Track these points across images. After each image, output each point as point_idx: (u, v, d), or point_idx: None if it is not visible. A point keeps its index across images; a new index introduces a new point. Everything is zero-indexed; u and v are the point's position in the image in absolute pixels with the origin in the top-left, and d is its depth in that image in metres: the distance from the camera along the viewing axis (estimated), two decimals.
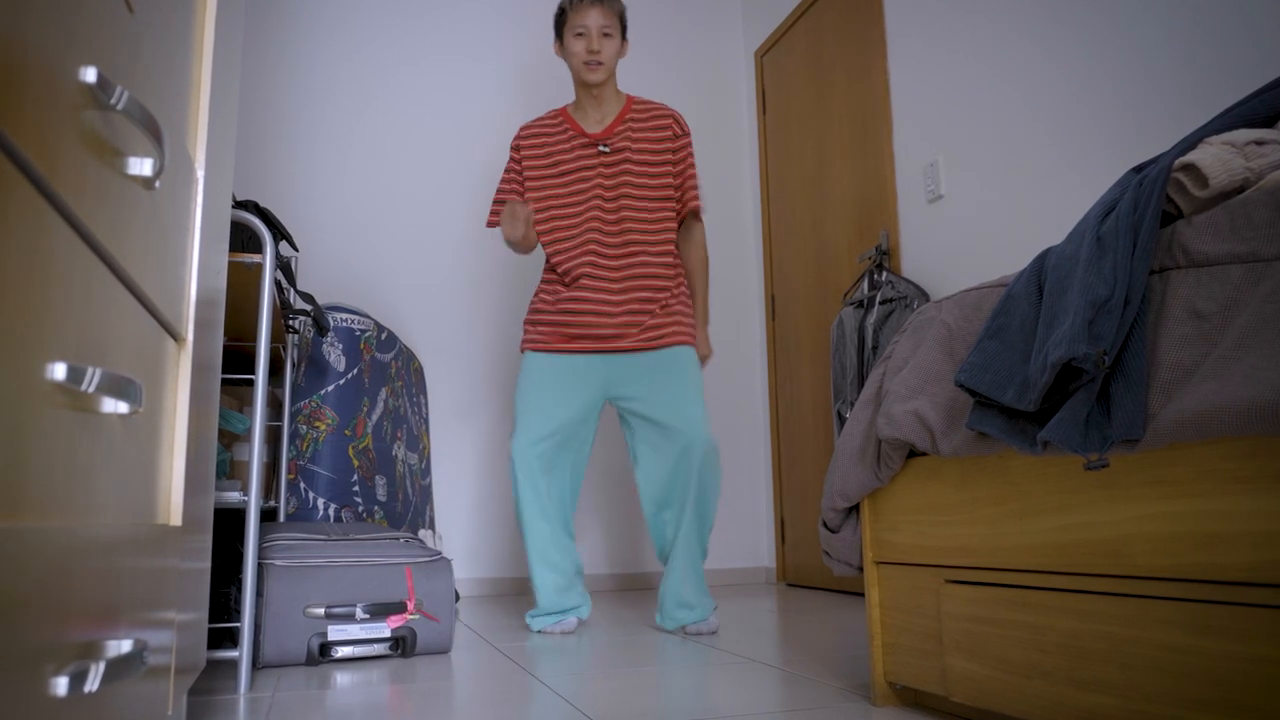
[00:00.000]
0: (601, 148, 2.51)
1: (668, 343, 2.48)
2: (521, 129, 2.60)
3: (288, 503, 2.61)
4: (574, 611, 2.49)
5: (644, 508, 2.52)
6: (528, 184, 2.54)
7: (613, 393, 2.50)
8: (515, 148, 2.59)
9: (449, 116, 3.89)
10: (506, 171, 2.59)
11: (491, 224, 2.56)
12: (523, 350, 2.54)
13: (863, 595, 3.31)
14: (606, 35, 2.48)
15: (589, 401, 2.49)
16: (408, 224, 3.77)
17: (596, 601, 3.32)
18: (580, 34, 2.48)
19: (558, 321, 2.49)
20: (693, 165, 2.56)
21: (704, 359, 2.58)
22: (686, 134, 2.57)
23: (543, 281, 2.58)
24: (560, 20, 2.52)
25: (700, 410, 2.43)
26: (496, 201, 2.58)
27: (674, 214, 2.52)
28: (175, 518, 1.08)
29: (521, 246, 2.50)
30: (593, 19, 2.46)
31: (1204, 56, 2.07)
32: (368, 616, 2.01)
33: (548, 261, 2.56)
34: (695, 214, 2.59)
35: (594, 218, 2.48)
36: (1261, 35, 1.93)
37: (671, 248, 2.51)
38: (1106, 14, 2.34)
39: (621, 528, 3.83)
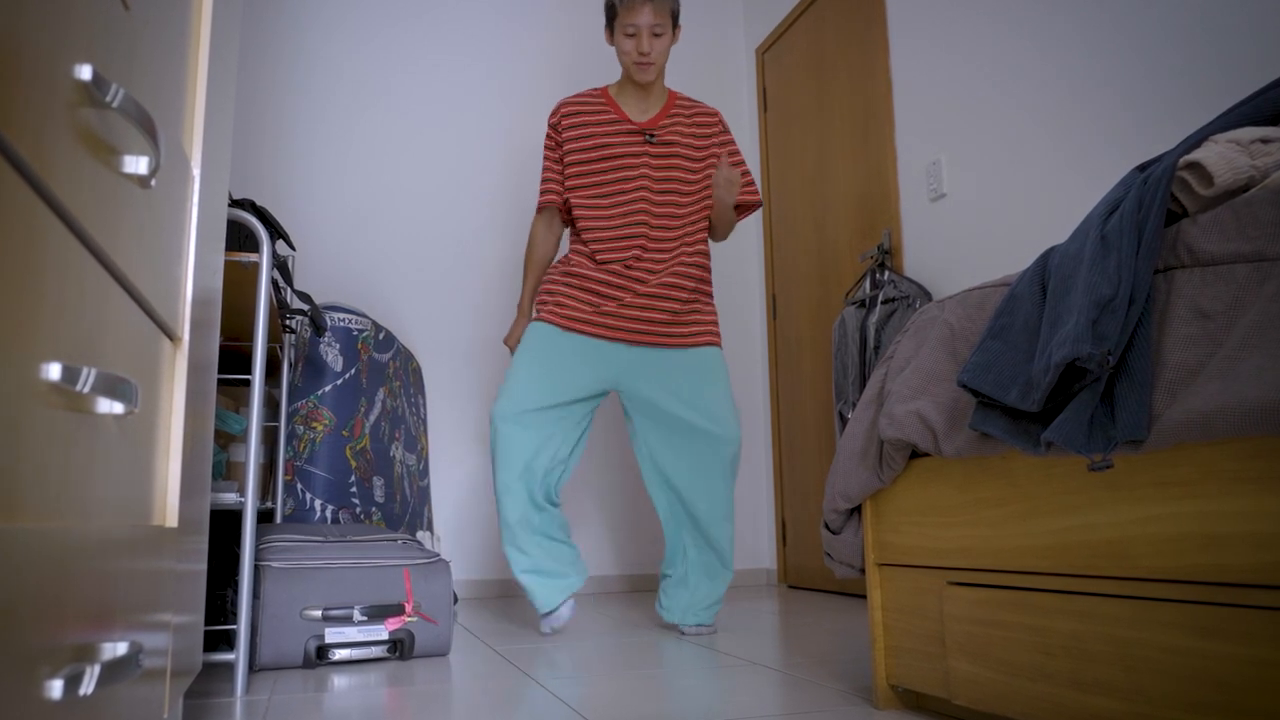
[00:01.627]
0: (648, 137, 2.49)
1: (698, 342, 2.46)
2: (561, 104, 2.55)
3: (284, 504, 2.60)
4: (571, 588, 2.43)
5: (659, 508, 2.47)
6: (567, 163, 2.50)
7: (626, 385, 2.45)
8: (554, 125, 2.54)
9: (448, 115, 3.88)
10: (547, 148, 2.56)
11: (543, 204, 2.53)
12: (535, 318, 2.47)
13: (864, 597, 3.30)
14: (657, 35, 2.44)
15: (592, 389, 2.43)
16: (406, 223, 3.76)
17: (598, 603, 3.31)
18: (631, 34, 2.44)
19: (584, 293, 2.44)
20: (743, 160, 2.58)
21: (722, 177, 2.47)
22: (728, 130, 2.59)
23: (570, 257, 2.51)
24: (611, 13, 2.49)
25: (734, 414, 2.45)
26: (544, 182, 2.54)
27: (710, 207, 2.52)
28: (171, 519, 1.08)
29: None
30: (644, 18, 2.42)
31: (1207, 55, 2.06)
32: (365, 619, 2.00)
33: (576, 236, 2.53)
34: (752, 206, 2.59)
35: (642, 209, 2.45)
36: (1265, 34, 1.93)
37: (707, 246, 2.53)
38: (1109, 12, 2.33)
39: (625, 528, 3.82)
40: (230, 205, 1.92)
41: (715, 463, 2.41)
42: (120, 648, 0.73)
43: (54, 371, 0.57)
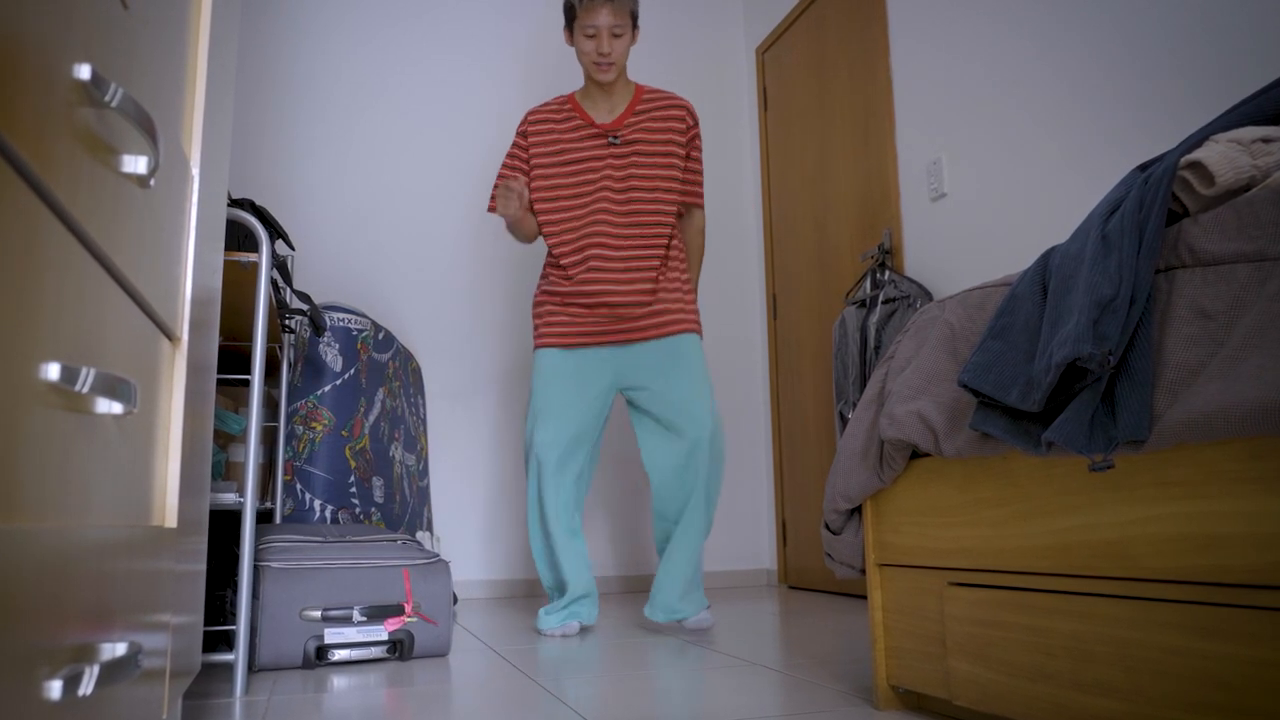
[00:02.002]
0: (611, 139, 2.50)
1: (675, 330, 2.47)
2: (529, 114, 2.58)
3: (284, 504, 2.60)
4: (577, 615, 2.47)
5: (653, 497, 2.52)
6: (534, 172, 2.53)
7: (624, 383, 2.51)
8: (522, 133, 2.57)
9: (447, 114, 3.88)
10: (509, 156, 2.57)
11: (492, 209, 2.53)
12: (536, 347, 2.53)
13: (865, 598, 3.30)
14: (616, 35, 2.46)
15: (603, 395, 2.50)
16: (405, 223, 3.76)
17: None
18: (590, 34, 2.45)
19: (567, 306, 2.47)
20: (699, 159, 2.59)
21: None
22: (697, 124, 2.58)
23: (547, 273, 2.55)
24: (570, 15, 2.50)
25: (707, 405, 2.45)
26: (497, 187, 2.55)
27: (674, 200, 2.53)
28: (170, 519, 1.07)
29: (521, 230, 2.50)
30: (603, 19, 2.43)
31: (1208, 54, 2.06)
32: (365, 619, 1.99)
33: (550, 252, 2.55)
34: (696, 206, 2.63)
35: (602, 209, 2.46)
36: (1266, 33, 1.93)
37: (674, 234, 2.53)
38: (1111, 11, 2.33)
39: (625, 528, 3.82)
40: (229, 205, 1.92)
41: (695, 461, 2.42)
42: (119, 648, 0.73)
43: (53, 371, 0.56)
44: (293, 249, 2.32)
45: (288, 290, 2.51)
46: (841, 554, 1.55)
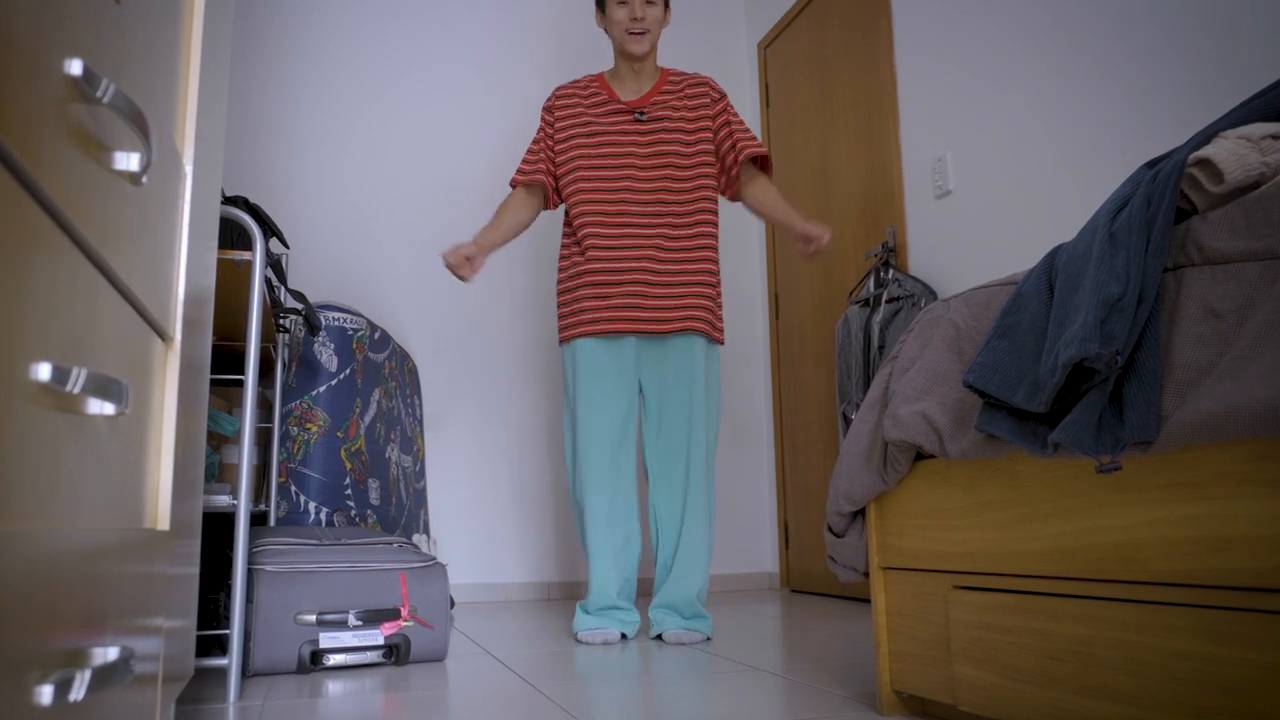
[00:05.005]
0: (638, 116, 2.48)
1: (683, 328, 2.42)
2: (555, 90, 2.59)
3: (278, 506, 2.58)
4: (621, 623, 2.40)
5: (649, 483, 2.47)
6: (558, 146, 2.52)
7: (642, 372, 2.47)
8: (548, 109, 2.56)
9: (446, 113, 3.86)
10: (538, 132, 2.57)
11: (514, 183, 2.54)
12: (565, 339, 2.47)
13: (869, 601, 3.29)
14: (649, 3, 2.46)
15: (635, 386, 2.46)
16: (402, 221, 3.74)
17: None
18: (623, 2, 2.46)
19: (597, 295, 2.41)
20: (739, 118, 2.53)
21: (823, 241, 2.35)
22: (724, 96, 2.56)
23: (570, 256, 2.49)
24: None
25: (704, 414, 2.41)
26: (525, 161, 2.55)
27: (711, 182, 2.49)
28: (163, 522, 1.06)
29: (507, 236, 2.49)
30: None
31: (1216, 51, 2.05)
32: (360, 623, 1.98)
33: (569, 232, 2.51)
34: (755, 161, 2.54)
35: (627, 187, 2.44)
36: (1273, 30, 1.92)
37: (709, 217, 2.48)
38: (1117, 8, 2.32)
39: None
40: (223, 202, 1.90)
41: (682, 465, 2.39)
42: (111, 653, 0.71)
43: (44, 371, 0.55)
44: (287, 247, 2.30)
45: (282, 289, 2.49)
46: (845, 557, 1.54)
